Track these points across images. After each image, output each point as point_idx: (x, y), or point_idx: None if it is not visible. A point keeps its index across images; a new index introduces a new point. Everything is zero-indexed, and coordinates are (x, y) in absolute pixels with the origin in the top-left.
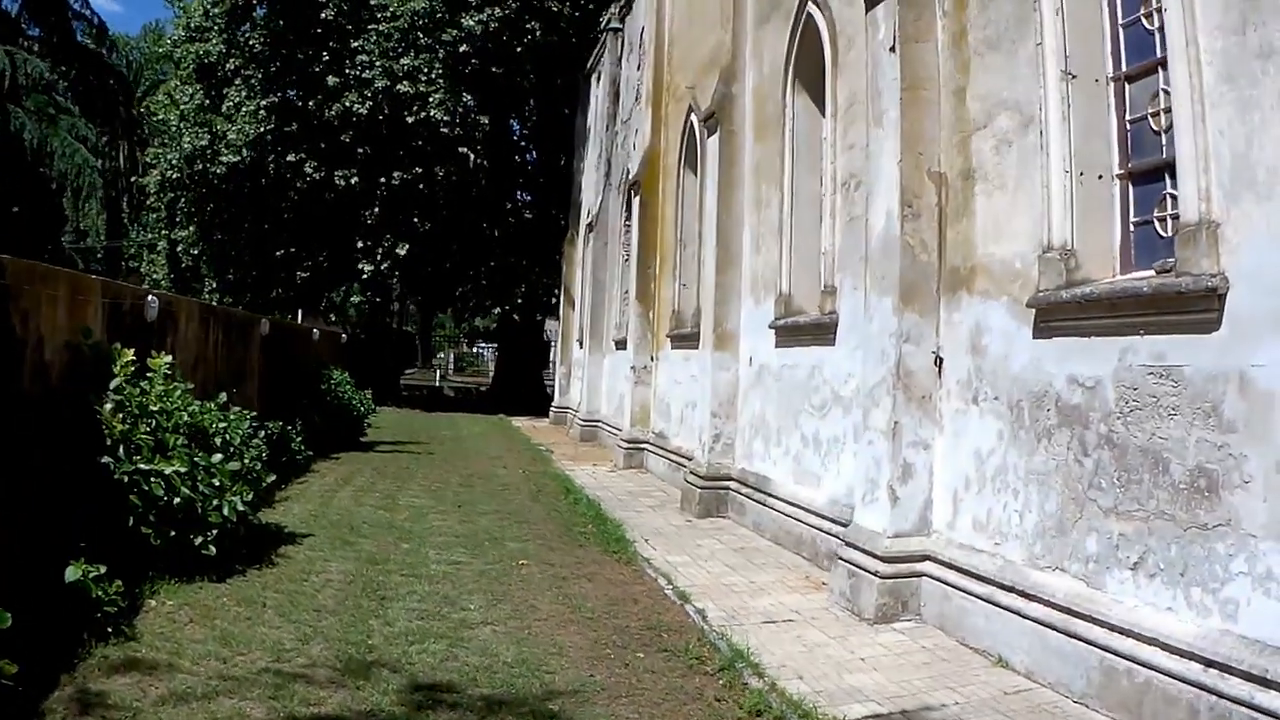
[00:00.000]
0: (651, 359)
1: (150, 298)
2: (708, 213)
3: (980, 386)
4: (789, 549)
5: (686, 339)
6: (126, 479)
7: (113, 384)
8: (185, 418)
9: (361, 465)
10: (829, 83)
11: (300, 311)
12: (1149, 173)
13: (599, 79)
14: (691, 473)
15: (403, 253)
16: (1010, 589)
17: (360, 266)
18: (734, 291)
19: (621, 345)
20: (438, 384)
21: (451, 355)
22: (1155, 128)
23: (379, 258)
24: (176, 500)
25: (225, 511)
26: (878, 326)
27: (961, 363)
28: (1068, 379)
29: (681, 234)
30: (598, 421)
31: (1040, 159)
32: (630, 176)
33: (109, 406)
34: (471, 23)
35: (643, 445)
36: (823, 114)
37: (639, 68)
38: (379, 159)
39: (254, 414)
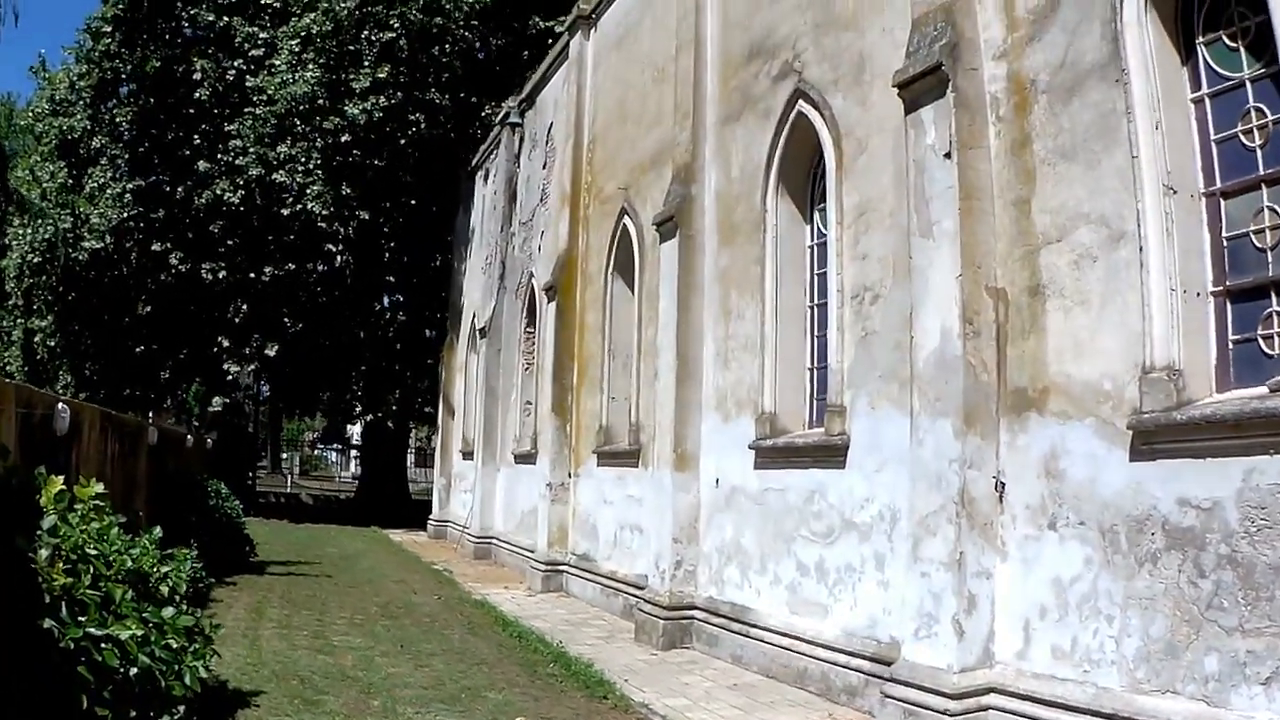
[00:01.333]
0: (570, 475)
1: (60, 406)
2: (662, 324)
3: (1059, 512)
4: (790, 684)
5: (621, 456)
6: (74, 646)
7: (46, 523)
8: (128, 563)
9: (264, 592)
10: (832, 188)
11: (150, 412)
12: (1247, 290)
13: (488, 176)
14: (649, 601)
15: (272, 353)
16: (1110, 716)
17: (226, 366)
18: (694, 407)
19: (524, 459)
20: (290, 489)
21: (297, 457)
22: (1259, 245)
23: (248, 356)
24: (134, 671)
25: (188, 680)
26: (932, 451)
27: (1032, 488)
28: (1177, 501)
29: (611, 344)
30: (493, 539)
31: (1136, 276)
32: (536, 281)
33: (44, 553)
34: (355, 111)
35: (562, 567)
36: (806, 220)
37: (545, 166)
38: (250, 252)
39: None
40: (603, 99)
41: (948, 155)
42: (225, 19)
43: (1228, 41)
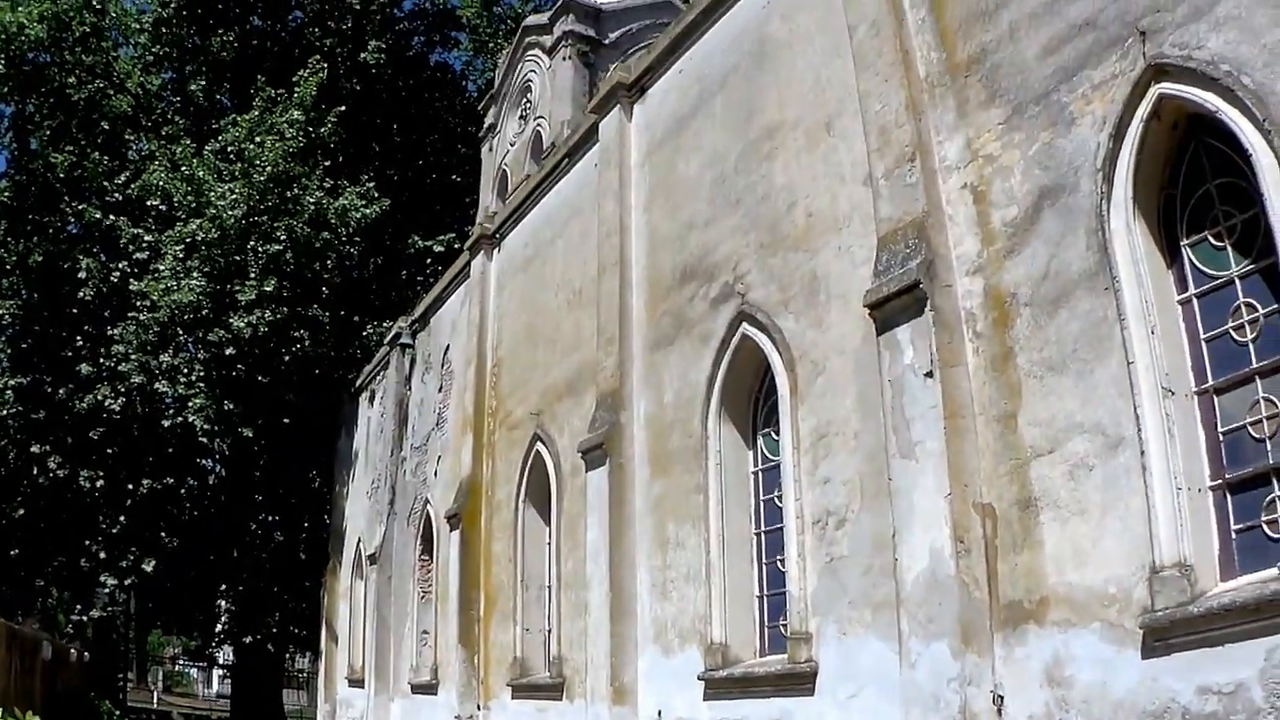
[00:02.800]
0: (480, 708)
1: None
2: (591, 554)
3: (1066, 717)
4: None
5: (542, 689)
6: None
7: None
8: None
9: None
10: (786, 412)
11: (19, 616)
12: (1246, 480)
13: (374, 398)
14: None
15: (149, 568)
16: None
17: (103, 579)
18: (630, 640)
19: (424, 690)
20: (157, 705)
21: (161, 672)
22: (1256, 435)
23: (124, 569)
24: None
25: None
26: (927, 672)
27: (1035, 697)
28: (1197, 690)
29: (524, 575)
30: None
31: (1137, 480)
32: (434, 508)
33: None
34: (240, 324)
35: None
36: (750, 445)
37: (441, 389)
38: (129, 462)
39: None
40: (509, 322)
41: (929, 374)
42: (112, 218)
43: (1213, 241)
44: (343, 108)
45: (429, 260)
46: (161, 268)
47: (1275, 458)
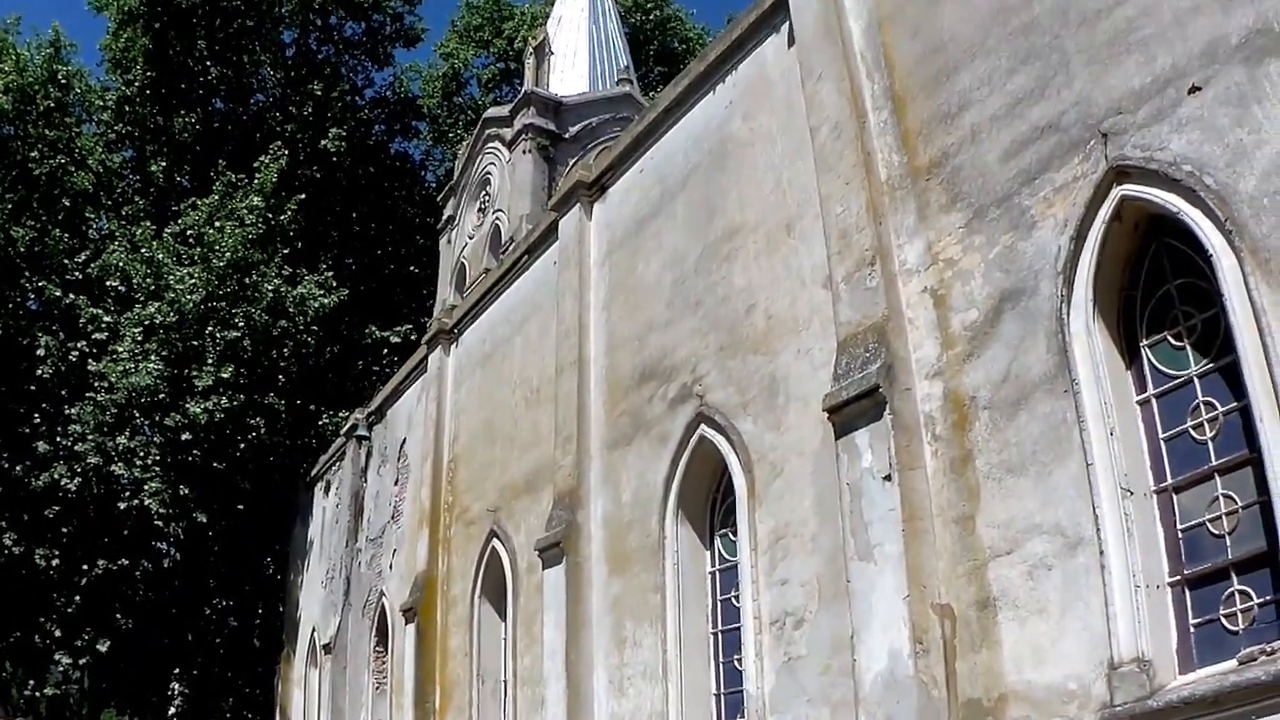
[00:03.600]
0: None
1: None
2: (548, 652)
3: None
4: None
5: None
6: None
7: None
8: None
9: None
10: (744, 514)
11: None
12: (1205, 576)
13: (329, 488)
14: None
15: (103, 648)
16: None
17: (56, 657)
18: None
19: None
20: None
21: None
22: (1215, 531)
23: (80, 647)
24: None
25: None
26: None
27: None
28: None
29: (479, 670)
30: None
31: (1096, 579)
32: (389, 601)
33: None
34: (196, 410)
35: None
36: (708, 545)
37: (398, 483)
38: (84, 542)
39: None
40: (466, 418)
41: (888, 478)
42: (71, 296)
43: (1173, 341)
44: (302, 195)
45: (386, 350)
46: (120, 349)
47: (1234, 553)
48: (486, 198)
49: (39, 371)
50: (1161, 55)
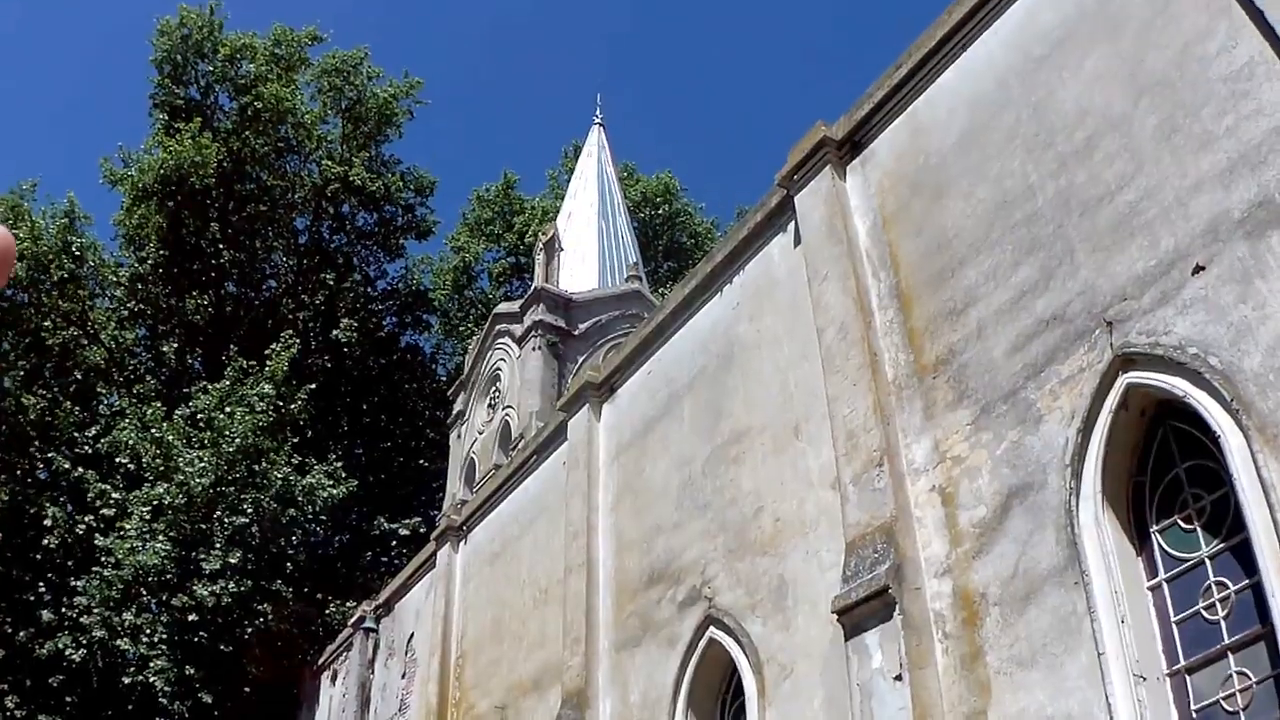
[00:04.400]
0: None
1: None
2: None
3: None
4: None
5: None
6: None
7: None
8: None
9: None
10: (754, 715)
11: None
12: None
13: (335, 677)
14: None
15: None
16: None
17: None
18: None
19: None
20: None
21: None
22: (1229, 708)
23: None
24: None
25: None
26: None
27: None
28: None
29: None
30: None
31: None
32: None
33: None
34: (204, 592)
35: None
36: None
37: (405, 676)
38: (88, 713)
39: None
40: (474, 614)
41: (898, 678)
42: (80, 470)
43: (1183, 524)
44: (313, 385)
45: (395, 542)
46: (128, 526)
47: None
48: (496, 393)
49: (45, 541)
50: (1165, 237)
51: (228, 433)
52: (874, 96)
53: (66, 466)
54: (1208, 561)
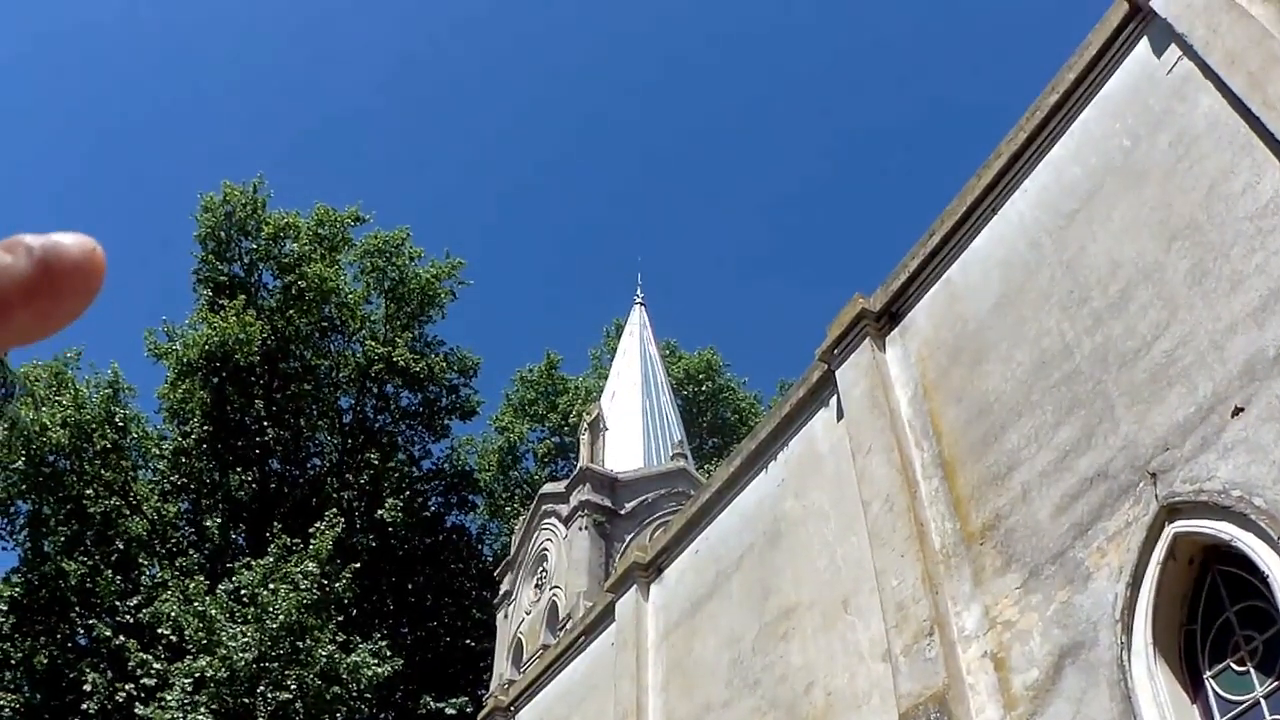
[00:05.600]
0: None
1: None
2: None
3: None
4: None
5: None
6: None
7: None
8: None
9: None
10: None
11: None
12: None
13: None
14: None
15: None
16: None
17: None
18: None
19: None
20: None
21: None
22: None
23: None
24: None
25: None
26: None
27: None
28: None
29: None
30: None
31: None
32: None
33: None
34: None
35: None
36: None
37: None
38: None
39: None
40: None
41: None
42: (121, 638)
43: (1235, 667)
44: (358, 564)
45: None
46: (169, 698)
47: None
48: (543, 573)
49: (85, 706)
50: (1203, 382)
51: (271, 609)
52: (909, 266)
53: (107, 634)
54: (1263, 701)
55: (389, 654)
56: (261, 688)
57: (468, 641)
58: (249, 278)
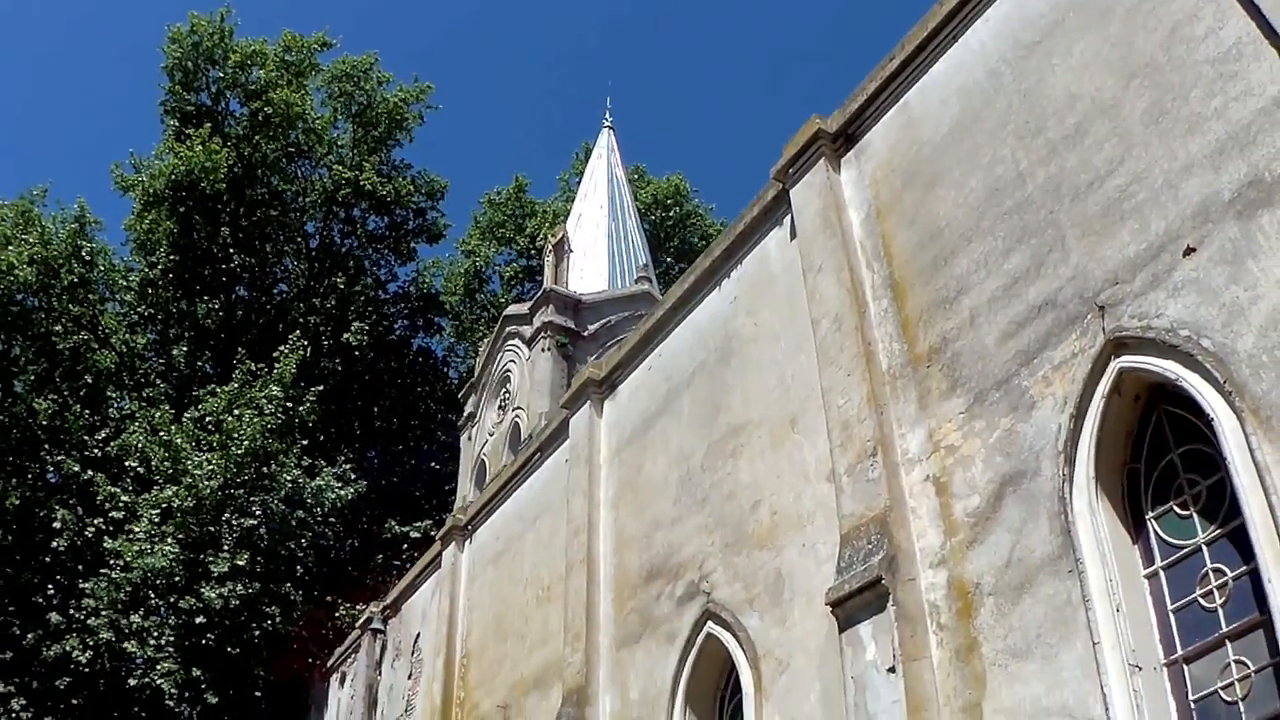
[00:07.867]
0: None
1: None
2: None
3: None
4: None
5: None
6: None
7: None
8: None
9: None
10: (750, 712)
11: None
12: None
13: (344, 680)
14: None
15: None
16: None
17: None
18: None
19: None
20: None
21: None
22: (1228, 699)
23: None
24: None
25: None
26: None
27: None
28: None
29: None
30: None
31: None
32: None
33: None
34: (211, 595)
35: None
36: None
37: (411, 676)
38: (94, 715)
39: None
40: (478, 613)
41: (891, 670)
42: (90, 473)
43: (1179, 510)
44: (322, 387)
45: (405, 545)
46: (136, 529)
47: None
48: (506, 395)
49: (54, 544)
50: (1155, 220)
51: (236, 435)
52: (867, 89)
53: (76, 469)
54: (1204, 548)
55: (353, 477)
56: (227, 515)
57: (433, 465)
58: (216, 106)
